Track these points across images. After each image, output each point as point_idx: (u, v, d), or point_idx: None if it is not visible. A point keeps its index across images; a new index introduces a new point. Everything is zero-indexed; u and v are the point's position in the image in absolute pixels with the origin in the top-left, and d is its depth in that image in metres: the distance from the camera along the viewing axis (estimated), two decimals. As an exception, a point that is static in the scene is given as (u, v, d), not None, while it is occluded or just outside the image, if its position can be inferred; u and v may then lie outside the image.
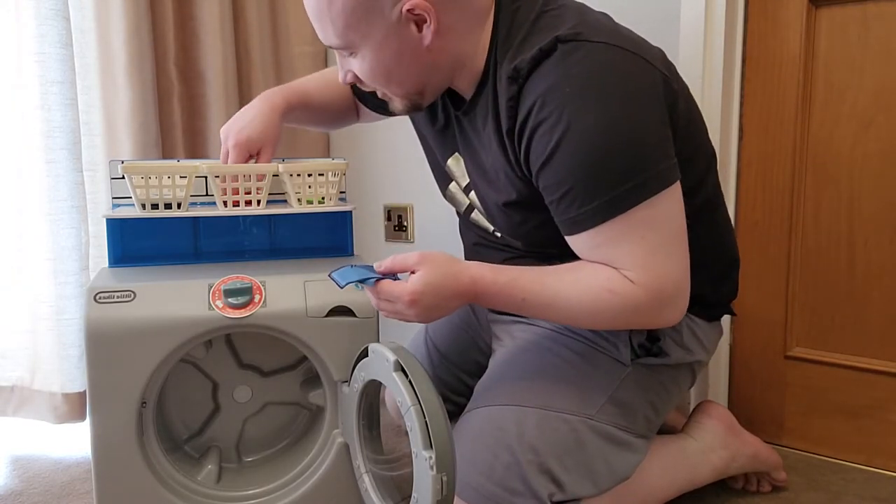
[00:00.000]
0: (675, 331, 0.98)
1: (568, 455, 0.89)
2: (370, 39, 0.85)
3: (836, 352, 1.31)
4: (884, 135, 1.21)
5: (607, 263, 0.84)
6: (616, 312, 0.84)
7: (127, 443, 0.96)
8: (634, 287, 0.83)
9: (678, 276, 0.85)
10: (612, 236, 0.83)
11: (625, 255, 0.83)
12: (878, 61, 1.20)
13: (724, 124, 1.32)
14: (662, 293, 0.84)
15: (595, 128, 0.79)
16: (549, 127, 0.81)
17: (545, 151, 0.82)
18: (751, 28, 1.31)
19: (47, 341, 1.44)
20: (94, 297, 0.94)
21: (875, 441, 1.28)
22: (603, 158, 0.80)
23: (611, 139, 0.80)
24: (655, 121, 0.83)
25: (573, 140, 0.80)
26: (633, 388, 0.96)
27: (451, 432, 0.81)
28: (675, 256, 0.85)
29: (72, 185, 1.40)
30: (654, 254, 0.83)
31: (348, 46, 0.87)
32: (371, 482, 1.00)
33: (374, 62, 0.88)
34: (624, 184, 0.80)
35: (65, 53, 1.38)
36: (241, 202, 1.07)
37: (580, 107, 0.80)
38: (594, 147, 0.80)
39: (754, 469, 1.18)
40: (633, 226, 0.82)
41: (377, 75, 0.90)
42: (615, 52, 0.82)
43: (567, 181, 0.82)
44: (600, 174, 0.80)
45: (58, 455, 1.39)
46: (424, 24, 0.85)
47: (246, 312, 0.97)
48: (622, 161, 0.80)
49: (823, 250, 1.30)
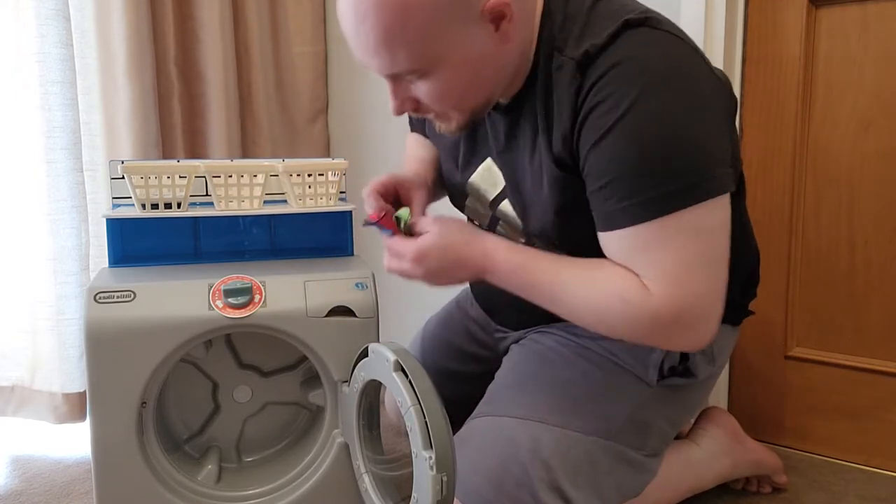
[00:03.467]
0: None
1: (580, 474, 0.87)
2: (451, 53, 0.77)
3: (836, 352, 1.31)
4: (884, 135, 1.21)
5: (633, 270, 0.78)
6: (624, 323, 0.78)
7: (127, 443, 0.96)
8: (652, 300, 0.75)
9: (710, 297, 0.77)
10: (648, 240, 0.75)
11: (654, 264, 0.76)
12: (878, 61, 1.20)
13: (724, 124, 1.32)
14: (686, 313, 0.76)
15: (656, 116, 0.73)
16: (608, 107, 0.75)
17: (598, 132, 0.75)
18: (751, 28, 1.31)
19: (47, 341, 1.44)
20: (94, 297, 0.94)
21: (875, 441, 1.28)
22: (656, 150, 0.73)
23: (669, 131, 0.73)
24: (718, 124, 0.77)
25: (629, 124, 0.73)
26: (654, 409, 0.93)
27: (451, 432, 0.81)
28: (712, 275, 0.77)
29: (72, 185, 1.40)
30: (688, 267, 0.75)
31: (422, 68, 0.78)
32: (371, 482, 1.00)
33: (453, 78, 0.79)
34: (673, 182, 0.73)
35: (65, 53, 1.38)
36: (237, 202, 1.07)
37: (644, 91, 0.73)
38: (650, 136, 0.73)
39: (756, 473, 1.18)
40: (673, 233, 0.74)
41: (452, 93, 0.81)
42: (686, 48, 0.77)
43: (612, 169, 0.75)
44: (649, 167, 0.73)
45: (58, 455, 1.39)
46: (503, 20, 0.77)
47: (246, 312, 0.97)
48: (677, 157, 0.73)
49: (823, 250, 1.30)
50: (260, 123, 1.73)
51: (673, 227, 0.74)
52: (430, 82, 0.79)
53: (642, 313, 0.76)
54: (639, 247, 0.76)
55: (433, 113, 0.86)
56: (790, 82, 1.28)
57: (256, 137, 1.74)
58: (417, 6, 0.73)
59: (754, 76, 1.32)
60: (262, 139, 1.74)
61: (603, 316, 0.79)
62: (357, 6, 0.74)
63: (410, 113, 0.86)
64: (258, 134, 1.73)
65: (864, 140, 1.23)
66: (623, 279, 0.77)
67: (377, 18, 0.73)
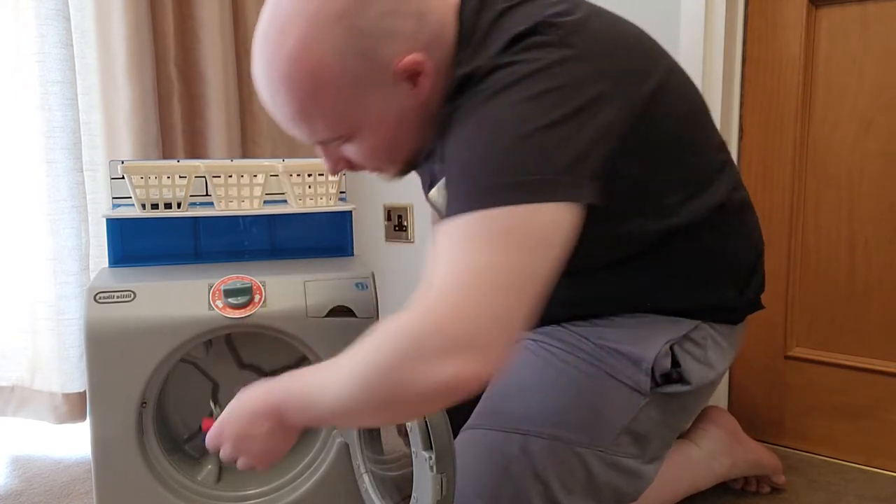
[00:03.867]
0: (696, 346, 0.92)
1: (576, 485, 0.86)
2: (369, 118, 0.76)
3: (836, 352, 1.31)
4: (884, 135, 1.21)
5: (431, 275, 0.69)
6: (387, 354, 0.64)
7: (127, 443, 0.96)
8: (413, 311, 0.64)
9: (492, 321, 0.63)
10: (460, 237, 0.68)
11: (443, 266, 0.66)
12: (878, 61, 1.20)
13: (724, 124, 1.32)
14: (452, 329, 0.62)
15: (505, 113, 0.70)
16: (465, 109, 0.73)
17: (452, 128, 0.74)
18: (751, 28, 1.31)
19: (47, 341, 1.44)
20: (94, 297, 0.94)
21: (875, 441, 1.28)
22: (494, 146, 0.69)
23: (513, 129, 0.69)
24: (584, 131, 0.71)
25: (477, 120, 0.71)
26: (651, 418, 0.90)
27: (451, 432, 0.81)
28: (505, 294, 0.64)
29: (72, 185, 1.40)
30: (476, 277, 0.64)
31: (343, 135, 0.78)
32: (371, 482, 1.00)
33: (376, 140, 0.78)
34: (500, 178, 0.67)
35: (65, 53, 1.38)
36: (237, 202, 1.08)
37: (498, 93, 0.71)
38: (492, 132, 0.70)
39: (755, 473, 1.18)
40: (482, 232, 0.66)
41: (379, 152, 0.80)
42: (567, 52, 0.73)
43: (452, 162, 0.73)
44: (481, 162, 0.70)
45: (58, 455, 1.39)
46: (419, 76, 0.75)
47: (246, 312, 0.97)
48: (511, 156, 0.68)
49: (823, 250, 1.30)
50: (260, 123, 1.73)
51: (483, 227, 0.66)
52: (354, 145, 0.79)
53: (403, 328, 0.65)
54: (451, 242, 0.68)
55: (368, 169, 0.85)
56: (790, 82, 1.28)
57: (256, 137, 1.73)
58: (328, 79, 0.72)
59: (754, 76, 1.32)
60: (262, 139, 1.74)
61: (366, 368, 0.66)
62: (269, 83, 0.74)
63: (347, 170, 0.85)
64: (258, 134, 1.73)
65: (864, 140, 1.23)
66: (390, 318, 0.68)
67: (289, 93, 0.73)
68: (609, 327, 0.91)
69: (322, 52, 0.71)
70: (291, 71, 0.72)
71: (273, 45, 0.73)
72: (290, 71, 0.72)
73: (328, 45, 0.71)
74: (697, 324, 0.92)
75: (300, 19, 0.71)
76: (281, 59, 0.72)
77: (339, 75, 0.72)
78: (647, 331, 0.90)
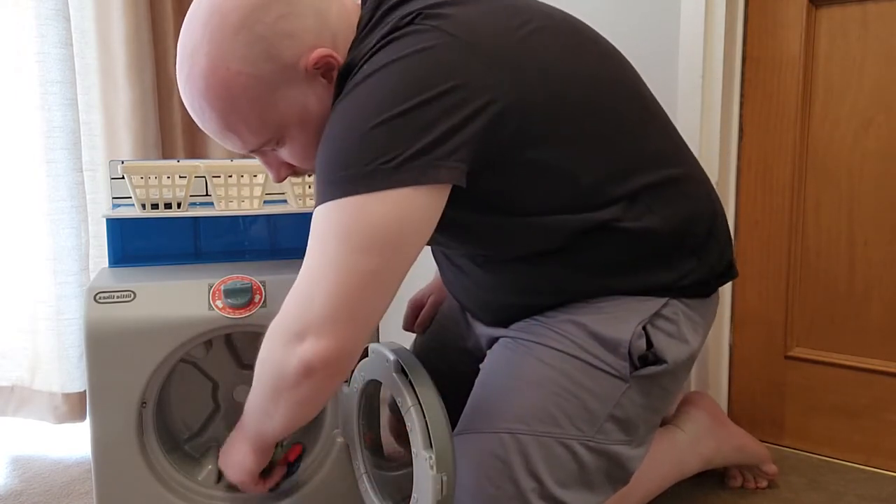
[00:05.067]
0: (668, 322, 0.92)
1: (569, 477, 0.87)
2: (291, 117, 0.81)
3: (836, 352, 1.31)
4: (884, 134, 1.21)
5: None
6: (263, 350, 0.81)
7: (127, 443, 0.96)
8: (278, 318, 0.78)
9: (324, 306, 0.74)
10: (312, 234, 0.77)
11: (307, 259, 0.77)
12: (877, 61, 1.20)
13: (724, 124, 1.32)
14: (292, 320, 0.76)
15: (352, 108, 0.76)
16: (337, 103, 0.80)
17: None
18: (751, 28, 1.31)
19: (47, 341, 1.44)
20: (94, 297, 0.94)
21: (875, 441, 1.28)
22: (340, 142, 0.75)
23: (356, 123, 0.74)
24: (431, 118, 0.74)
25: (332, 122, 0.78)
26: (634, 402, 0.92)
27: (451, 432, 0.81)
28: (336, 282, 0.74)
29: (72, 185, 1.40)
30: (312, 271, 0.75)
31: (272, 138, 0.83)
32: (371, 482, 1.00)
33: (306, 136, 0.83)
34: (341, 171, 0.74)
35: (65, 53, 1.38)
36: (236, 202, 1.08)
37: (351, 91, 0.77)
38: (340, 128, 0.76)
39: (742, 461, 1.18)
40: (327, 228, 0.75)
41: (312, 149, 0.83)
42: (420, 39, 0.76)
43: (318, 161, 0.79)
44: (332, 157, 0.76)
45: (58, 455, 1.39)
46: (333, 70, 0.81)
47: (246, 312, 0.97)
48: (355, 149, 0.74)
49: (823, 250, 1.30)
50: (260, 123, 1.73)
51: (329, 221, 0.74)
52: (287, 147, 0.84)
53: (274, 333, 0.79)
54: (313, 235, 0.77)
55: (310, 173, 0.90)
56: (790, 82, 1.28)
57: (256, 137, 1.73)
58: (241, 87, 0.78)
59: (754, 76, 1.32)
60: (262, 139, 1.74)
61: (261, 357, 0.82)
62: (192, 101, 0.81)
63: (291, 177, 0.91)
64: (258, 134, 1.73)
65: (864, 140, 1.23)
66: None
67: (210, 108, 0.79)
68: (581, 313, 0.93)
69: (229, 64, 0.77)
70: (207, 87, 0.78)
71: (188, 67, 0.79)
72: (205, 87, 0.78)
73: (234, 56, 0.77)
74: (667, 300, 0.92)
75: (205, 40, 0.77)
76: (196, 78, 0.78)
77: (251, 82, 0.78)
78: (618, 313, 0.91)
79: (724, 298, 1.37)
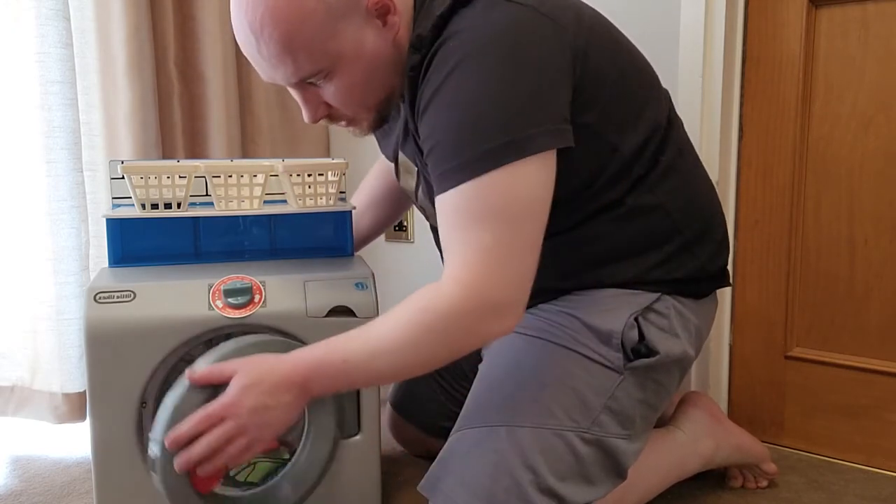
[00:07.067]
0: (660, 316, 0.94)
1: (566, 469, 0.87)
2: (347, 50, 0.83)
3: (836, 352, 1.31)
4: (884, 134, 1.21)
5: (447, 255, 0.81)
6: (437, 333, 0.79)
7: (127, 443, 0.96)
8: (451, 294, 0.78)
9: (515, 285, 0.79)
10: (466, 209, 0.78)
11: (463, 246, 0.79)
12: (877, 61, 1.20)
13: (724, 124, 1.32)
14: (487, 300, 0.78)
15: (470, 80, 0.78)
16: (433, 82, 0.81)
17: (424, 105, 0.82)
18: (751, 28, 1.31)
19: (47, 341, 1.44)
20: (94, 297, 0.94)
21: (875, 441, 1.28)
22: (469, 112, 0.78)
23: (480, 96, 0.78)
24: (544, 85, 0.80)
25: (447, 91, 0.79)
26: (629, 395, 0.92)
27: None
28: (518, 253, 0.79)
29: (72, 185, 1.40)
30: (493, 249, 0.77)
31: (324, 69, 0.84)
32: None
33: (354, 75, 0.85)
34: (486, 143, 0.77)
35: (65, 53, 1.38)
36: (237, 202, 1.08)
37: (462, 60, 0.79)
38: (464, 100, 0.78)
39: (741, 461, 1.18)
40: (485, 198, 0.77)
41: (356, 90, 0.86)
42: (518, 12, 0.81)
43: (434, 135, 0.81)
44: (462, 130, 0.78)
45: (58, 455, 1.39)
46: (389, 14, 0.84)
47: (246, 312, 0.97)
48: (488, 118, 0.77)
49: (823, 250, 1.30)
50: (260, 123, 1.73)
51: (486, 191, 0.77)
52: (334, 82, 0.85)
53: (447, 311, 0.79)
54: (460, 218, 0.79)
55: (344, 119, 0.91)
56: (790, 82, 1.28)
57: (256, 137, 1.74)
58: (309, 10, 0.79)
59: (754, 76, 1.32)
60: (262, 139, 1.74)
61: (416, 341, 0.80)
62: (252, 23, 0.80)
63: (324, 120, 0.91)
64: (258, 134, 1.74)
65: (864, 139, 1.23)
66: (420, 293, 0.81)
67: (274, 28, 0.79)
68: (574, 306, 0.94)
69: None
70: (276, 6, 0.79)
71: None
72: (274, 6, 0.79)
73: None
74: (659, 295, 0.95)
75: None
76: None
77: (320, 6, 0.80)
78: (611, 305, 0.93)
79: (724, 298, 1.37)
